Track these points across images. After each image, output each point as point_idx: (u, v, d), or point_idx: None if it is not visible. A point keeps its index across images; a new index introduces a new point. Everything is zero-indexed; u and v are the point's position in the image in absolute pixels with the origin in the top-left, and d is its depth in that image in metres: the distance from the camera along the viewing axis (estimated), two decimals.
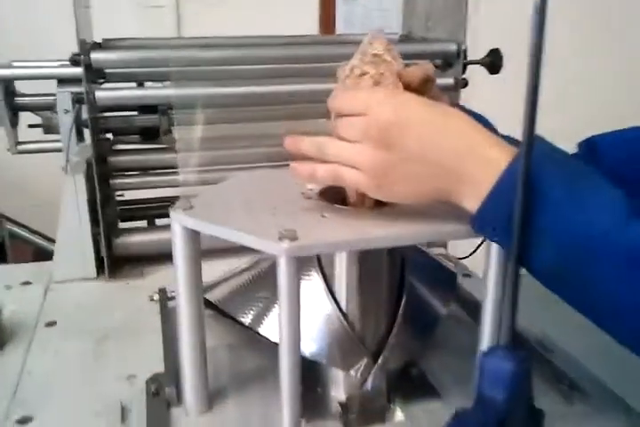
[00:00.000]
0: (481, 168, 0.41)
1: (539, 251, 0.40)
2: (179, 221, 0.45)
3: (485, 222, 0.42)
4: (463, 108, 0.53)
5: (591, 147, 0.59)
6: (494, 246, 0.45)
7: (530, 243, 0.39)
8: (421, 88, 0.47)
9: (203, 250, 0.48)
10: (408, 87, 0.46)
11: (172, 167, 0.82)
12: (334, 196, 0.51)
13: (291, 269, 0.41)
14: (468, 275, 0.78)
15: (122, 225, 0.96)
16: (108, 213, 0.79)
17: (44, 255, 1.27)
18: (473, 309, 0.67)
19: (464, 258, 0.83)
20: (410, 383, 0.55)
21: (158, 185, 0.83)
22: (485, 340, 0.47)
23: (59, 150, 0.95)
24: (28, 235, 1.71)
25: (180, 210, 0.46)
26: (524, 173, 0.37)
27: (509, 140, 0.44)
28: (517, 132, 0.40)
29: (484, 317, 0.47)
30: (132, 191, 0.87)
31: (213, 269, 0.60)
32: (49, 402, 0.55)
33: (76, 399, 0.55)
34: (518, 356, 0.43)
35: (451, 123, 0.43)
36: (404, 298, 0.53)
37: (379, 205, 0.48)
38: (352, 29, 2.02)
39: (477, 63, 0.88)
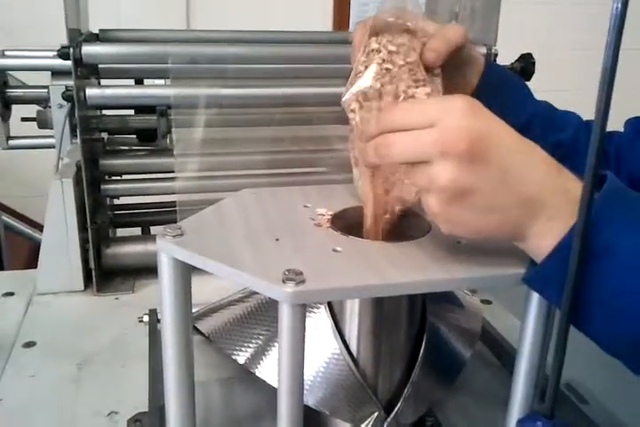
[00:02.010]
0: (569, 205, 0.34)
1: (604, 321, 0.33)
2: (166, 252, 0.39)
3: (554, 269, 0.34)
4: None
5: (638, 126, 0.55)
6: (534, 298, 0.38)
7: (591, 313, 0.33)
8: (455, 59, 0.44)
9: None
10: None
11: (170, 172, 0.76)
12: (349, 222, 0.44)
13: (295, 317, 0.34)
14: (488, 301, 0.71)
15: (117, 232, 0.89)
16: (98, 221, 0.72)
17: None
18: (496, 345, 0.60)
19: None
20: None
21: (154, 192, 0.76)
22: (518, 401, 0.40)
23: (52, 147, 0.89)
24: (24, 228, 1.65)
25: (169, 237, 0.39)
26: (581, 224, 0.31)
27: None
28: None
29: (518, 373, 0.40)
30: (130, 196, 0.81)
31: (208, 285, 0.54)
32: None
33: None
34: (559, 424, 0.37)
35: (537, 148, 0.36)
36: (424, 342, 0.46)
37: (391, 236, 0.42)
38: None
39: (508, 68, 0.81)
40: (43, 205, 0.71)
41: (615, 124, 0.47)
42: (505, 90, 0.53)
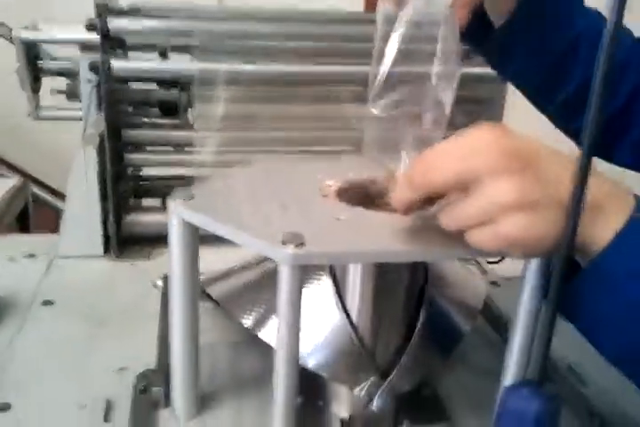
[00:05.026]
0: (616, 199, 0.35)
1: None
2: (175, 213, 0.40)
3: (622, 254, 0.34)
4: None
5: None
6: (533, 263, 0.39)
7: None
8: None
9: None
10: None
11: (190, 145, 0.78)
12: (354, 195, 0.45)
13: (293, 279, 0.35)
14: (496, 283, 0.72)
15: (141, 202, 0.92)
16: (119, 190, 0.75)
17: None
18: (499, 323, 0.61)
19: (495, 262, 0.77)
20: (420, 405, 0.50)
21: (174, 163, 0.78)
22: (511, 372, 0.41)
23: (80, 119, 0.92)
24: (52, 199, 1.70)
25: (180, 200, 0.41)
26: None
27: None
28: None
29: (512, 343, 0.41)
30: (151, 167, 0.84)
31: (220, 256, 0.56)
32: (32, 390, 0.51)
33: (62, 389, 0.52)
34: (546, 394, 0.37)
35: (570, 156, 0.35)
36: (422, 312, 0.47)
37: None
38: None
39: None
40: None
41: None
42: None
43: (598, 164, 0.36)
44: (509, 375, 0.41)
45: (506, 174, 0.33)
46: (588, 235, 0.35)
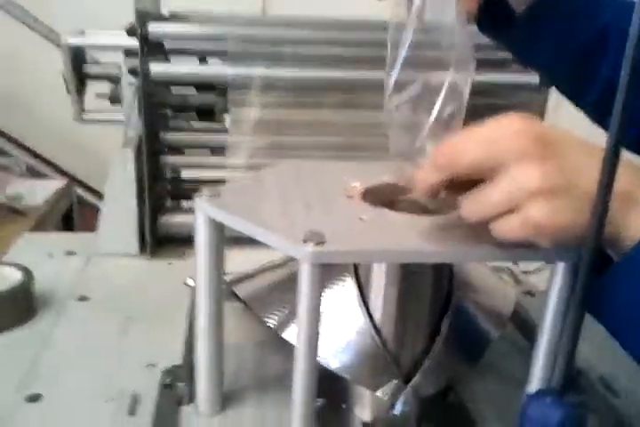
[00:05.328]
0: None
1: None
2: (201, 210, 0.41)
3: None
4: None
5: None
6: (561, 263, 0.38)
7: None
8: None
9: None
10: None
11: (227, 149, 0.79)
12: (379, 198, 0.45)
13: (313, 278, 0.36)
14: (531, 293, 0.70)
15: (180, 203, 0.93)
16: (155, 191, 0.77)
17: None
18: (531, 331, 0.59)
19: (531, 272, 0.75)
20: (444, 411, 0.49)
21: (210, 166, 0.80)
22: (536, 379, 0.40)
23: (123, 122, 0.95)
24: (96, 201, 1.75)
25: (205, 197, 0.42)
26: None
27: None
28: None
29: (537, 349, 0.40)
30: (187, 169, 0.86)
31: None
32: (62, 381, 0.53)
33: (91, 382, 0.53)
34: (570, 403, 0.36)
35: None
36: (447, 316, 0.46)
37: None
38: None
39: None
40: None
41: None
42: None
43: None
44: (534, 383, 0.40)
45: (534, 160, 0.32)
46: (621, 226, 0.34)
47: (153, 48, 0.72)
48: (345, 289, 0.47)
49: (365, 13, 0.87)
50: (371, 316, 0.46)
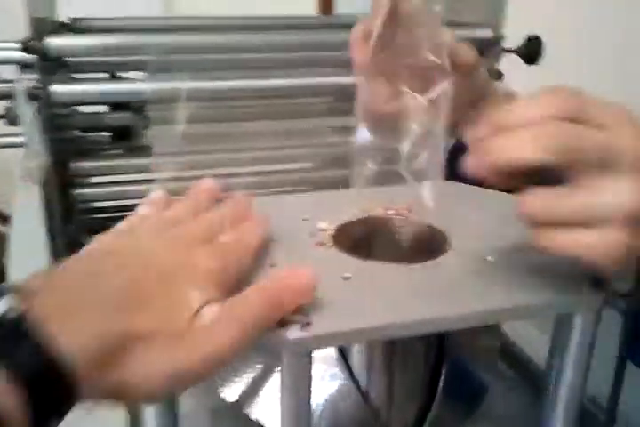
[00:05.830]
0: None
1: None
2: None
3: None
4: None
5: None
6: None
7: None
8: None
9: None
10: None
11: (149, 172, 0.69)
12: (354, 237, 0.38)
13: (302, 370, 0.28)
14: None
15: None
16: (68, 229, 0.65)
17: None
18: (518, 364, 0.54)
19: None
20: None
21: (131, 196, 0.69)
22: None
23: (22, 146, 0.82)
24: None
25: None
26: None
27: None
28: None
29: (555, 394, 0.34)
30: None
31: None
32: None
33: None
34: None
35: None
36: (442, 376, 0.40)
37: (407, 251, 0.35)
38: (353, 9, 1.86)
39: (514, 52, 0.75)
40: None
41: None
42: None
43: None
44: None
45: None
46: None
47: (53, 64, 0.61)
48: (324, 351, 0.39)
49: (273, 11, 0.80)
50: (355, 379, 0.39)
